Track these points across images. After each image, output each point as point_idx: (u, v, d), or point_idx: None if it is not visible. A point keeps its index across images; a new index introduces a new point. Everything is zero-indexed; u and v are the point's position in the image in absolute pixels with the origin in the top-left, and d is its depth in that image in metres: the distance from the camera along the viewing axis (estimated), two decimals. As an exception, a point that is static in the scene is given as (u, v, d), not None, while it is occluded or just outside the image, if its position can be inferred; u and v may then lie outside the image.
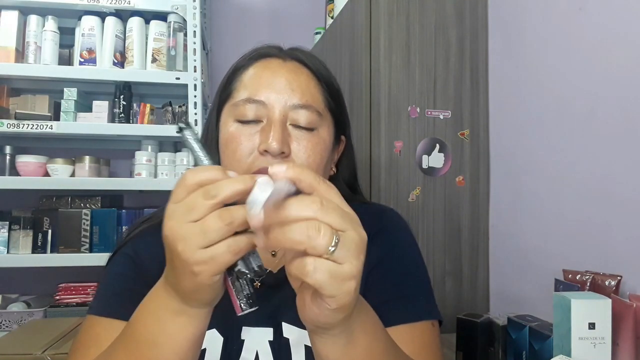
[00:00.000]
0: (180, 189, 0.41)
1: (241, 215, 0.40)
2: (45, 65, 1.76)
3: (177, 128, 0.46)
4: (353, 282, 0.38)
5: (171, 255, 0.42)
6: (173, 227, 0.40)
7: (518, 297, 1.24)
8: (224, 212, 0.39)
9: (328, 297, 0.38)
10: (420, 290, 0.66)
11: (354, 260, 0.37)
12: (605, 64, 0.96)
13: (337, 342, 0.45)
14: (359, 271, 0.38)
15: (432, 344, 0.62)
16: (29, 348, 1.20)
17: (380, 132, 1.32)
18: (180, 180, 0.42)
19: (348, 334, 0.44)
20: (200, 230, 0.39)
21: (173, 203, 0.42)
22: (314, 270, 0.36)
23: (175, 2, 1.79)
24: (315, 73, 0.67)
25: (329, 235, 0.36)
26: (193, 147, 0.45)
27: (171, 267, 0.43)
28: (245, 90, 0.64)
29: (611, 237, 0.94)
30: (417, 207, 1.34)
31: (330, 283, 0.37)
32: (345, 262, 0.37)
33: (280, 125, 0.61)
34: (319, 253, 0.36)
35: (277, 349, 0.62)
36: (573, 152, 1.05)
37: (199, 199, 0.39)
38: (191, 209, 0.40)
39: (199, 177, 0.41)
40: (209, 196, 0.39)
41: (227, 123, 0.64)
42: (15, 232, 1.71)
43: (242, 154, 0.61)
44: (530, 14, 1.21)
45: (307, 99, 0.63)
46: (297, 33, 2.23)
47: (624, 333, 0.76)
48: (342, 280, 0.37)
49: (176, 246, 0.40)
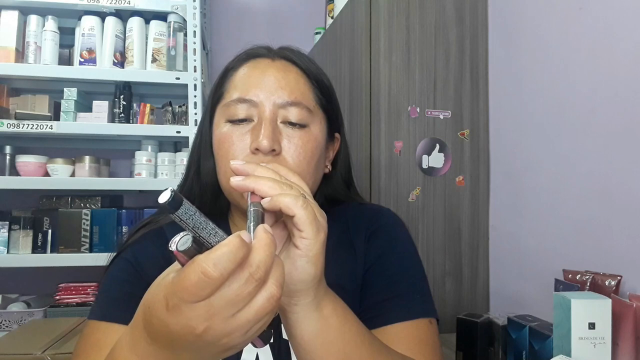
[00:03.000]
0: (203, 291, 0.34)
1: (281, 280, 0.37)
2: (45, 65, 1.76)
3: (167, 207, 0.35)
4: (323, 234, 0.44)
5: (199, 349, 0.37)
6: (213, 326, 0.35)
7: (518, 297, 1.24)
8: (273, 290, 0.36)
9: (306, 239, 0.43)
10: (416, 289, 0.66)
11: (321, 218, 0.45)
12: (605, 64, 0.96)
13: (308, 318, 0.46)
14: (326, 227, 0.45)
15: (430, 342, 0.62)
16: (29, 348, 1.20)
17: (380, 132, 1.32)
18: (200, 279, 0.33)
19: (318, 307, 0.47)
20: (251, 318, 0.36)
21: (192, 303, 0.34)
22: (304, 205, 0.43)
23: (175, 2, 1.79)
24: (304, 71, 0.67)
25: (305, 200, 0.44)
26: (198, 223, 0.36)
27: (182, 353, 0.38)
28: (235, 91, 0.64)
29: (611, 237, 0.94)
30: (417, 207, 1.34)
31: (314, 224, 0.43)
32: (320, 217, 0.45)
33: (271, 123, 0.61)
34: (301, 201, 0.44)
35: (277, 351, 0.62)
36: (573, 152, 1.05)
37: (245, 287, 0.35)
38: (236, 301, 0.35)
39: (227, 270, 0.34)
40: (256, 281, 0.35)
41: (219, 124, 0.64)
42: (15, 232, 1.71)
43: (234, 154, 0.61)
44: (530, 14, 1.21)
45: (296, 96, 0.63)
46: (297, 33, 2.23)
47: (624, 333, 0.76)
48: (318, 228, 0.44)
49: (220, 342, 0.36)
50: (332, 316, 0.48)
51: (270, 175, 0.46)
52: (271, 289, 0.36)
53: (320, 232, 0.44)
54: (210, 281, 0.33)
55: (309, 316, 0.46)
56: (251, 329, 0.36)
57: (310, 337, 0.47)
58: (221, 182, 0.64)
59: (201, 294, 0.34)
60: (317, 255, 0.44)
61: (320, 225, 0.44)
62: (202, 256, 0.34)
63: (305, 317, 0.46)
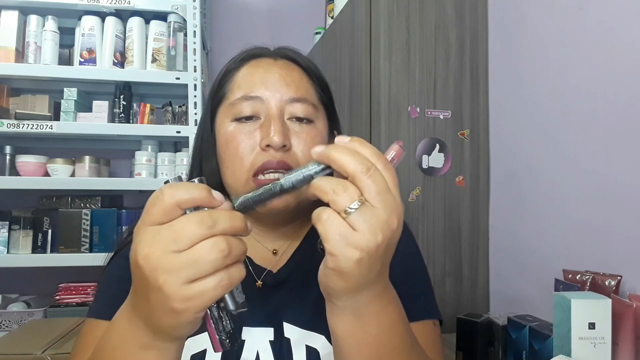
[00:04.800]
0: (157, 208, 0.36)
1: (239, 246, 0.37)
2: (45, 65, 1.76)
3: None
4: (357, 252, 0.38)
5: (146, 288, 0.37)
6: (152, 255, 0.35)
7: (518, 297, 1.24)
8: (221, 242, 0.36)
9: (330, 254, 0.39)
10: (421, 290, 0.67)
11: (368, 234, 0.38)
12: (605, 64, 0.96)
13: (344, 319, 0.44)
14: (369, 247, 0.38)
15: (434, 343, 0.62)
16: (29, 348, 1.19)
17: (380, 132, 1.32)
18: (155, 196, 0.37)
19: (356, 312, 0.44)
20: (189, 260, 0.35)
21: (149, 225, 0.36)
22: (326, 219, 0.38)
23: (175, 2, 1.79)
24: (305, 69, 0.68)
25: (351, 197, 0.38)
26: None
27: (143, 300, 0.38)
28: (239, 90, 0.64)
29: (611, 237, 0.94)
30: (417, 207, 1.34)
31: (335, 239, 0.38)
32: (358, 229, 0.38)
33: (279, 119, 0.61)
34: (337, 208, 0.38)
35: (278, 349, 0.62)
36: (573, 152, 1.05)
37: (191, 227, 0.35)
38: (179, 236, 0.35)
39: (179, 196, 0.36)
40: (203, 225, 0.35)
41: (225, 124, 0.64)
42: (15, 232, 1.71)
43: (244, 152, 0.61)
44: (530, 14, 1.21)
45: (301, 93, 0.64)
46: (297, 33, 2.24)
47: (624, 333, 0.76)
48: (347, 245, 0.38)
49: (156, 279, 0.35)
50: (372, 324, 0.44)
51: (359, 161, 0.39)
52: (219, 242, 0.36)
53: (353, 250, 0.38)
54: (164, 205, 0.36)
55: (345, 318, 0.44)
56: (187, 277, 0.35)
57: (344, 335, 0.45)
58: (228, 180, 0.64)
59: (154, 213, 0.36)
60: (348, 274, 0.39)
61: (357, 244, 0.38)
62: (170, 183, 0.38)
63: (341, 317, 0.45)
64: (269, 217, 0.65)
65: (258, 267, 0.67)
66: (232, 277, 0.37)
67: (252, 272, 0.66)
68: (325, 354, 0.60)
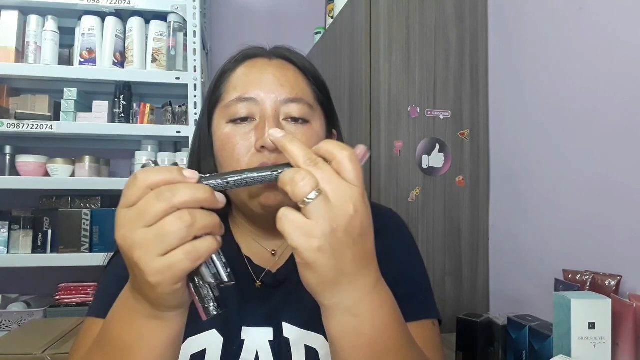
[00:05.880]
0: (130, 191, 0.39)
1: (204, 217, 0.38)
2: (45, 65, 1.76)
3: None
4: (315, 240, 0.39)
5: (130, 265, 0.40)
6: (126, 234, 0.38)
7: (518, 297, 1.24)
8: (184, 214, 0.37)
9: (293, 249, 0.40)
10: (419, 290, 0.66)
11: (321, 220, 0.39)
12: (605, 64, 0.96)
13: (336, 320, 0.44)
14: (325, 233, 0.39)
15: (433, 343, 0.62)
16: (29, 348, 1.19)
17: (380, 132, 1.32)
18: (130, 180, 0.39)
19: (348, 313, 0.43)
20: (156, 234, 0.37)
21: (124, 207, 0.39)
22: (281, 216, 0.40)
23: (175, 2, 1.79)
24: (301, 68, 0.67)
25: (309, 187, 0.39)
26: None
27: (132, 276, 0.42)
28: (235, 91, 0.64)
29: (611, 237, 0.94)
30: (417, 207, 1.34)
31: (293, 233, 0.39)
32: (313, 218, 0.39)
33: (274, 120, 0.61)
34: (296, 199, 0.39)
35: (277, 349, 0.62)
36: (573, 152, 1.05)
37: (152, 201, 0.37)
38: (143, 212, 0.37)
39: (151, 179, 0.39)
40: (162, 198, 0.37)
41: (220, 125, 0.64)
42: (15, 232, 1.71)
43: (239, 153, 0.61)
44: (530, 14, 1.21)
45: (297, 93, 0.63)
46: (297, 33, 2.24)
47: (624, 333, 0.76)
48: (304, 235, 0.39)
49: (132, 255, 0.38)
50: (366, 325, 0.44)
51: (309, 157, 0.41)
52: (182, 214, 0.37)
53: (310, 239, 0.39)
54: (136, 187, 0.38)
55: (337, 319, 0.44)
56: (157, 250, 0.37)
57: (338, 336, 0.45)
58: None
59: (128, 196, 0.38)
60: (313, 264, 0.39)
61: (312, 232, 0.39)
62: (144, 168, 0.40)
63: (333, 318, 0.44)
64: (266, 217, 0.65)
65: (257, 267, 0.67)
66: (199, 249, 0.38)
67: (252, 273, 0.66)
68: (325, 354, 0.60)
